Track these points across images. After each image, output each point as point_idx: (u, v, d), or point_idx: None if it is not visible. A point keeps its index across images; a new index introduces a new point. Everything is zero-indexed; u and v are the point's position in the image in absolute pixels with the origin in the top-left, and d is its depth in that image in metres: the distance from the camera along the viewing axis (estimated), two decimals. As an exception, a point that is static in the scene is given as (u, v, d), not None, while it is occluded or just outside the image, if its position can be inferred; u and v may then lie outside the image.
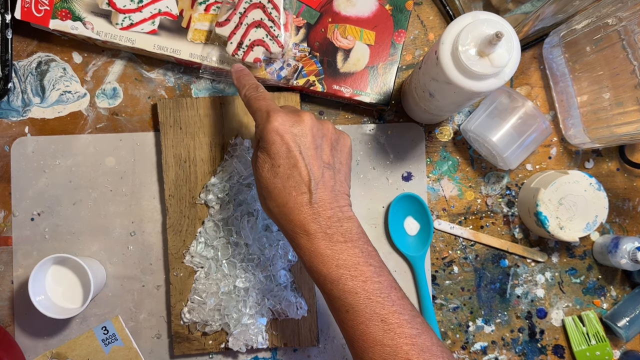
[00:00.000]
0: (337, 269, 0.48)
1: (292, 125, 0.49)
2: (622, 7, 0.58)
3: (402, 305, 0.48)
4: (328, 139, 0.51)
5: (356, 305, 0.47)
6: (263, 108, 0.50)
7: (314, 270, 0.49)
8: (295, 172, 0.48)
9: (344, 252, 0.48)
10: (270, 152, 0.49)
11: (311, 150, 0.49)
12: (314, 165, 0.49)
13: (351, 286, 0.47)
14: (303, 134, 0.49)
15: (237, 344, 0.64)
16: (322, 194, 0.49)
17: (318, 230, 0.48)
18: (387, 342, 0.46)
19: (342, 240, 0.48)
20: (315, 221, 0.48)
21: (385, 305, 0.47)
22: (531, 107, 0.63)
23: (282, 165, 0.48)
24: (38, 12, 0.63)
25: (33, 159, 0.67)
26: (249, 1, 0.61)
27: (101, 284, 0.65)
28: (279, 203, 0.49)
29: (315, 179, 0.49)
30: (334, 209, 0.49)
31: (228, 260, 0.64)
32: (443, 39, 0.49)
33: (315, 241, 0.48)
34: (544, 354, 0.69)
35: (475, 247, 0.69)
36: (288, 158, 0.48)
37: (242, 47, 0.61)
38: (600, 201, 0.64)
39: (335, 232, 0.48)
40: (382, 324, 0.47)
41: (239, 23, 0.61)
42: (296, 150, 0.48)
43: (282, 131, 0.48)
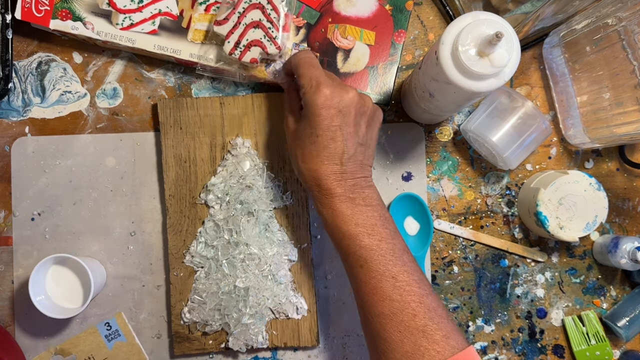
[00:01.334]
0: (356, 227, 0.52)
1: (339, 100, 0.52)
2: (622, 7, 0.58)
3: (412, 267, 0.51)
4: (367, 116, 0.55)
5: (370, 261, 0.51)
6: (313, 76, 0.53)
7: (334, 227, 0.53)
8: (331, 145, 0.52)
9: (363, 214, 0.52)
10: (313, 122, 0.52)
11: (351, 126, 0.53)
12: (349, 141, 0.53)
13: (367, 243, 0.51)
14: (347, 111, 0.53)
15: (237, 343, 0.64)
16: (351, 166, 0.53)
17: (342, 194, 0.53)
18: (396, 298, 0.50)
19: (363, 204, 0.53)
20: (340, 186, 0.53)
21: (397, 264, 0.51)
22: (531, 107, 0.63)
23: (321, 135, 0.52)
24: (38, 12, 0.63)
25: (33, 159, 0.67)
26: (249, 1, 0.61)
27: (101, 284, 0.65)
28: (310, 167, 0.54)
29: (349, 153, 0.53)
30: (359, 178, 0.54)
31: (228, 260, 0.64)
32: (443, 39, 0.49)
33: (338, 202, 0.53)
34: (543, 354, 0.69)
35: (475, 247, 0.69)
36: (328, 130, 0.52)
37: (239, 47, 0.61)
38: (600, 201, 0.64)
39: (357, 197, 0.53)
40: (392, 280, 0.50)
41: (238, 22, 0.61)
42: (337, 126, 0.52)
43: (329, 105, 0.52)
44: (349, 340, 0.68)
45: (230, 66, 0.63)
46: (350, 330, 0.68)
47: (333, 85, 0.52)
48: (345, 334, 0.68)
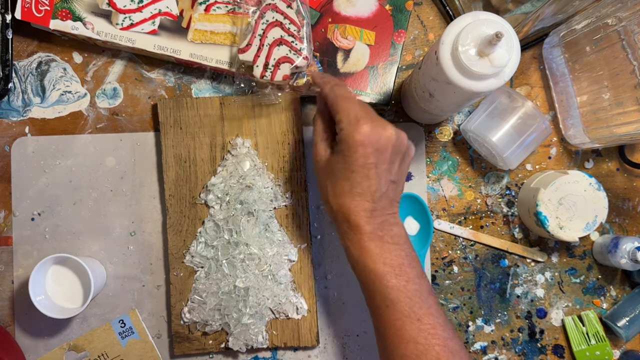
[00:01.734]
0: (384, 266, 0.51)
1: (377, 140, 0.51)
2: (622, 7, 0.58)
3: (437, 310, 0.51)
4: (401, 154, 0.54)
5: (396, 302, 0.50)
6: (352, 112, 0.52)
7: (361, 264, 0.52)
8: (365, 182, 0.51)
9: (391, 252, 0.52)
10: (349, 158, 0.51)
11: (385, 164, 0.52)
12: (383, 179, 0.52)
13: (394, 283, 0.51)
14: (384, 150, 0.51)
15: (237, 343, 0.64)
16: (382, 204, 0.52)
17: (371, 232, 0.52)
18: (421, 341, 0.49)
19: (391, 242, 0.52)
20: (369, 224, 0.52)
21: (423, 306, 0.50)
22: (531, 107, 0.63)
23: (356, 172, 0.51)
24: (38, 12, 0.63)
25: (33, 159, 0.67)
26: (266, 22, 0.61)
27: (101, 284, 0.65)
28: (341, 202, 0.53)
29: (381, 191, 0.52)
30: (388, 215, 0.53)
31: (228, 260, 0.64)
32: (443, 39, 0.49)
33: (367, 240, 0.52)
34: (543, 354, 0.69)
35: (475, 247, 0.69)
36: (363, 169, 0.51)
37: (268, 68, 0.61)
38: (600, 201, 0.64)
39: (385, 234, 0.52)
40: (418, 322, 0.50)
41: (261, 45, 0.61)
42: (372, 163, 0.51)
43: (367, 143, 0.50)
44: (349, 340, 0.68)
45: (264, 88, 0.63)
46: (350, 330, 0.68)
47: (372, 123, 0.51)
48: (345, 334, 0.68)
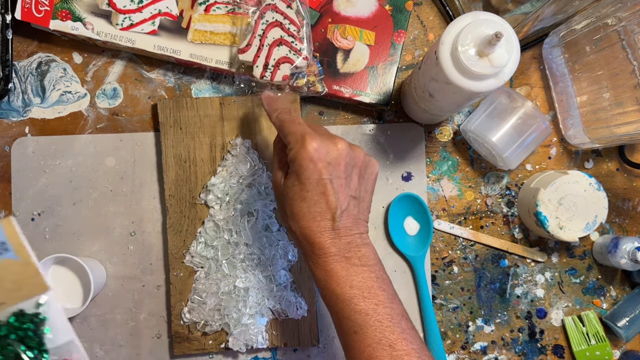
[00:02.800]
0: (351, 289, 0.48)
1: (326, 153, 0.49)
2: (622, 7, 0.58)
3: (411, 335, 0.48)
4: (358, 167, 0.52)
5: (365, 327, 0.47)
6: (298, 132, 0.50)
7: (327, 289, 0.49)
8: (322, 200, 0.49)
9: (359, 275, 0.49)
10: (301, 177, 0.49)
11: (341, 179, 0.50)
12: (341, 194, 0.50)
13: (363, 307, 0.47)
14: (336, 163, 0.49)
15: (237, 343, 0.64)
16: (345, 221, 0.50)
17: (336, 253, 0.49)
18: None
19: (359, 264, 0.49)
20: (334, 245, 0.49)
21: (395, 331, 0.47)
22: (531, 107, 0.63)
23: (311, 191, 0.49)
24: (38, 13, 0.63)
25: (33, 159, 0.67)
26: (266, 22, 0.61)
27: (101, 284, 0.65)
28: (302, 225, 0.50)
29: (341, 208, 0.49)
30: (354, 235, 0.50)
31: (228, 260, 0.64)
32: (443, 39, 0.49)
33: (332, 262, 0.49)
34: (543, 354, 0.69)
35: (475, 247, 0.69)
36: (318, 185, 0.49)
37: (268, 68, 0.61)
38: (600, 201, 0.64)
39: (352, 256, 0.49)
40: (389, 349, 0.46)
41: (260, 45, 0.61)
42: (327, 179, 0.49)
43: (316, 159, 0.49)
44: (348, 341, 0.68)
45: (264, 88, 0.63)
46: (350, 331, 0.68)
47: (320, 138, 0.49)
48: (345, 334, 0.68)
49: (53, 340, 0.50)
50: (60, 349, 0.51)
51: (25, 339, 0.49)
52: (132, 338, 0.67)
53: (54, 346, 0.50)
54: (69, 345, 0.51)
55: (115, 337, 0.67)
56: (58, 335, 0.50)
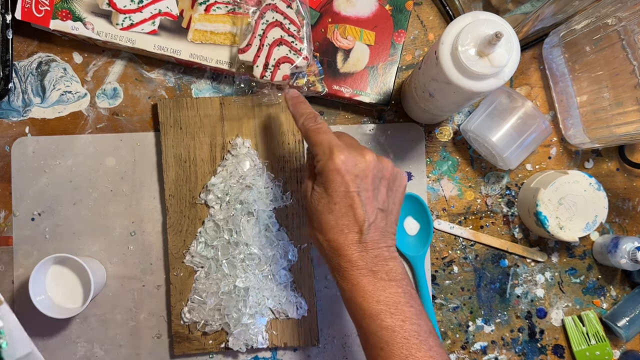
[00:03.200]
0: (377, 305, 0.48)
1: (354, 165, 0.49)
2: (622, 7, 0.58)
3: (438, 352, 0.47)
4: (386, 180, 0.51)
5: (392, 344, 0.47)
6: (325, 143, 0.50)
7: (353, 302, 0.49)
8: (350, 213, 0.49)
9: (386, 290, 0.48)
10: (329, 189, 0.49)
11: (369, 192, 0.49)
12: (369, 207, 0.49)
13: (389, 323, 0.47)
14: (364, 176, 0.49)
15: (237, 343, 0.64)
16: (372, 234, 0.49)
17: (363, 267, 0.49)
18: None
19: (386, 279, 0.49)
20: (362, 258, 0.49)
21: (422, 348, 0.47)
22: (531, 107, 0.63)
23: (339, 204, 0.49)
24: (38, 13, 0.63)
25: (33, 159, 0.67)
26: (266, 22, 0.61)
27: (101, 284, 0.65)
28: (329, 238, 0.50)
29: (369, 220, 0.49)
30: (381, 248, 0.50)
31: (228, 260, 0.64)
32: (443, 39, 0.49)
33: (359, 276, 0.49)
34: (543, 354, 0.69)
35: (475, 247, 0.69)
36: (346, 198, 0.49)
37: (268, 68, 0.61)
38: (600, 201, 0.64)
39: (380, 270, 0.49)
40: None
41: (260, 45, 0.61)
42: (354, 192, 0.49)
43: (344, 171, 0.48)
44: (349, 340, 0.68)
45: (264, 88, 0.63)
46: (350, 330, 0.68)
47: (348, 150, 0.49)
48: (345, 334, 0.68)
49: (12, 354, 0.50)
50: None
51: None
52: (132, 338, 0.67)
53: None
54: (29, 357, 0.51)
55: (115, 337, 0.67)
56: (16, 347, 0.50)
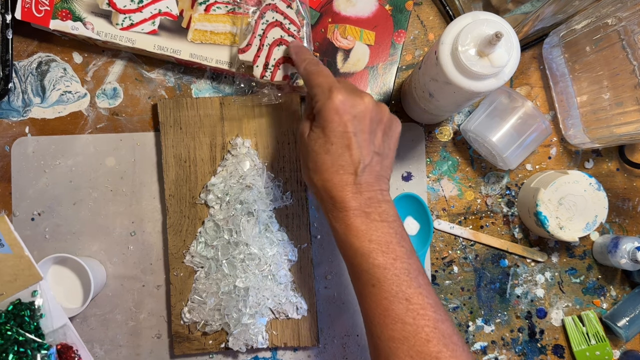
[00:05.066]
0: (370, 244, 0.49)
1: (352, 106, 0.49)
2: (622, 7, 0.58)
3: (428, 290, 0.48)
4: (382, 124, 0.52)
5: (383, 280, 0.48)
6: (324, 84, 0.51)
7: (347, 242, 0.50)
8: (346, 153, 0.49)
9: (378, 230, 0.49)
10: (326, 129, 0.50)
11: (366, 134, 0.50)
12: (365, 149, 0.50)
13: (381, 261, 0.48)
14: (361, 117, 0.50)
15: (237, 343, 0.64)
16: (367, 177, 0.50)
17: (357, 207, 0.49)
18: (409, 321, 0.47)
19: (379, 220, 0.50)
20: (355, 199, 0.50)
21: (412, 285, 0.48)
22: (531, 107, 0.63)
23: (336, 144, 0.50)
24: (38, 13, 0.63)
25: (33, 159, 0.67)
26: (266, 22, 0.61)
27: (101, 284, 0.65)
28: (324, 178, 0.50)
29: (364, 162, 0.50)
30: (375, 190, 0.50)
31: (228, 260, 0.64)
32: (443, 39, 0.49)
33: (352, 217, 0.49)
34: (543, 354, 0.69)
35: (475, 247, 0.69)
36: (342, 138, 0.49)
37: (268, 68, 0.61)
38: (600, 201, 0.64)
39: (373, 212, 0.50)
40: (406, 302, 0.47)
41: (260, 45, 0.61)
42: (352, 132, 0.49)
43: (342, 111, 0.49)
44: (349, 340, 0.68)
45: (264, 88, 0.63)
46: (350, 330, 0.68)
47: (347, 91, 0.50)
48: (345, 334, 0.68)
49: (48, 325, 0.56)
50: (55, 332, 0.57)
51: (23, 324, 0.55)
52: (132, 338, 0.67)
53: (49, 330, 0.56)
54: (64, 329, 0.57)
55: (115, 337, 0.67)
56: (52, 320, 0.56)
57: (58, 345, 0.57)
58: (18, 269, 0.56)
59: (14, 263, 0.56)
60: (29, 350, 0.54)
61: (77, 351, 0.58)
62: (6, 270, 0.55)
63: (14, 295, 0.56)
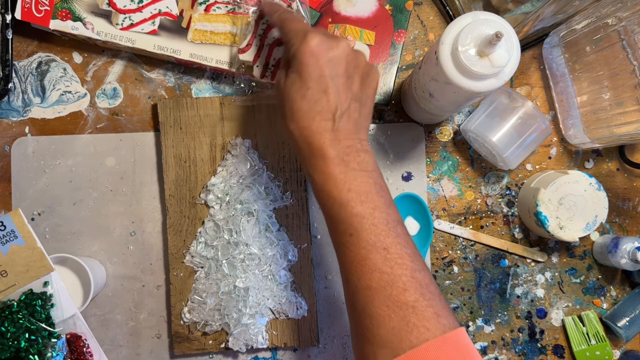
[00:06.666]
0: (348, 193, 0.47)
1: (328, 48, 0.48)
2: (622, 7, 0.58)
3: (406, 240, 0.48)
4: (360, 70, 0.50)
5: (361, 229, 0.47)
6: (300, 28, 0.49)
7: (324, 192, 0.48)
8: (323, 98, 0.48)
9: (357, 179, 0.48)
10: (302, 73, 0.48)
11: (343, 78, 0.48)
12: (342, 94, 0.48)
13: (359, 210, 0.47)
14: (338, 61, 0.48)
15: (237, 343, 0.64)
16: (345, 123, 0.48)
17: (335, 156, 0.48)
18: (387, 270, 0.46)
19: (358, 169, 0.48)
20: (333, 147, 0.48)
21: (390, 234, 0.47)
22: (531, 107, 0.63)
23: (312, 88, 0.48)
24: (38, 13, 0.63)
25: (33, 159, 0.67)
26: (266, 22, 0.61)
27: (101, 284, 0.65)
28: (301, 125, 0.49)
29: (342, 108, 0.48)
30: (354, 139, 0.49)
31: (228, 260, 0.64)
32: (443, 39, 0.49)
33: (331, 165, 0.48)
34: (543, 354, 0.69)
35: (475, 247, 0.69)
36: (319, 82, 0.48)
37: (268, 68, 0.61)
38: (600, 201, 0.64)
39: (351, 160, 0.48)
40: (384, 251, 0.46)
41: (261, 45, 0.61)
42: (328, 76, 0.48)
43: (318, 54, 0.48)
44: (349, 341, 0.68)
45: (264, 88, 0.63)
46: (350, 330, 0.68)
47: (322, 34, 0.48)
48: (346, 334, 0.68)
49: (59, 315, 0.58)
50: (65, 322, 0.59)
51: (35, 313, 0.57)
52: (132, 338, 0.67)
53: (60, 320, 0.58)
54: (73, 319, 0.59)
55: (115, 337, 0.67)
56: (63, 310, 0.59)
57: (67, 334, 0.59)
58: (30, 260, 0.57)
59: (26, 254, 0.57)
60: (40, 338, 0.56)
61: (86, 340, 0.59)
62: (19, 262, 0.57)
63: (26, 286, 0.58)
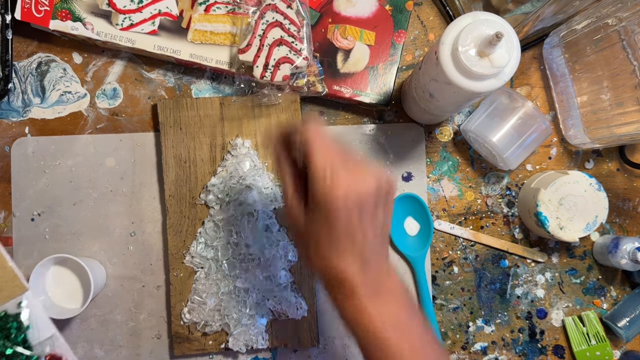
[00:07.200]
0: (383, 325, 0.47)
1: (356, 193, 0.46)
2: (622, 8, 0.58)
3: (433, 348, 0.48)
4: (383, 198, 0.48)
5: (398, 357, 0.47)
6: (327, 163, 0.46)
7: (359, 324, 0.48)
8: (349, 238, 0.47)
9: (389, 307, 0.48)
10: (329, 217, 0.46)
11: (370, 215, 0.47)
12: (369, 231, 0.47)
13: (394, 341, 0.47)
14: (366, 202, 0.46)
15: (237, 344, 0.64)
16: (372, 255, 0.48)
17: (366, 291, 0.47)
18: None
19: (388, 297, 0.48)
20: (364, 284, 0.47)
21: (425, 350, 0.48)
22: (531, 107, 0.63)
23: (340, 232, 0.47)
24: (38, 13, 0.63)
25: (33, 160, 0.67)
26: (266, 22, 0.61)
27: (101, 284, 0.65)
28: (328, 265, 0.48)
29: (369, 245, 0.47)
30: (382, 270, 0.49)
31: (228, 261, 0.64)
32: (443, 40, 0.49)
33: (364, 301, 0.47)
34: (544, 354, 0.69)
35: (475, 247, 0.69)
36: (347, 226, 0.46)
37: (268, 69, 0.61)
38: (600, 201, 0.63)
39: (382, 289, 0.48)
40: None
41: (260, 45, 0.61)
42: (356, 218, 0.46)
43: (346, 199, 0.45)
44: (349, 341, 0.68)
45: (264, 88, 0.63)
46: (350, 331, 0.68)
47: (349, 176, 0.45)
48: (346, 334, 0.68)
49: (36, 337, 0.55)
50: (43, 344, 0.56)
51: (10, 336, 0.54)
52: (132, 338, 0.67)
53: (37, 342, 0.55)
54: (51, 340, 0.56)
55: (115, 338, 0.67)
56: (40, 331, 0.55)
57: (47, 356, 0.56)
58: (2, 280, 0.53)
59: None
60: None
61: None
62: None
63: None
